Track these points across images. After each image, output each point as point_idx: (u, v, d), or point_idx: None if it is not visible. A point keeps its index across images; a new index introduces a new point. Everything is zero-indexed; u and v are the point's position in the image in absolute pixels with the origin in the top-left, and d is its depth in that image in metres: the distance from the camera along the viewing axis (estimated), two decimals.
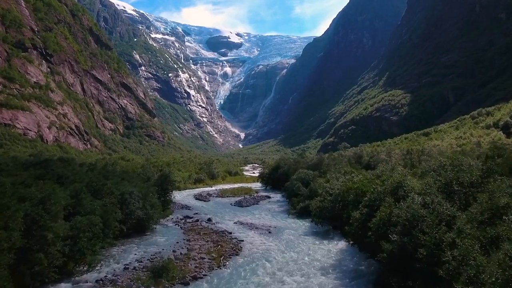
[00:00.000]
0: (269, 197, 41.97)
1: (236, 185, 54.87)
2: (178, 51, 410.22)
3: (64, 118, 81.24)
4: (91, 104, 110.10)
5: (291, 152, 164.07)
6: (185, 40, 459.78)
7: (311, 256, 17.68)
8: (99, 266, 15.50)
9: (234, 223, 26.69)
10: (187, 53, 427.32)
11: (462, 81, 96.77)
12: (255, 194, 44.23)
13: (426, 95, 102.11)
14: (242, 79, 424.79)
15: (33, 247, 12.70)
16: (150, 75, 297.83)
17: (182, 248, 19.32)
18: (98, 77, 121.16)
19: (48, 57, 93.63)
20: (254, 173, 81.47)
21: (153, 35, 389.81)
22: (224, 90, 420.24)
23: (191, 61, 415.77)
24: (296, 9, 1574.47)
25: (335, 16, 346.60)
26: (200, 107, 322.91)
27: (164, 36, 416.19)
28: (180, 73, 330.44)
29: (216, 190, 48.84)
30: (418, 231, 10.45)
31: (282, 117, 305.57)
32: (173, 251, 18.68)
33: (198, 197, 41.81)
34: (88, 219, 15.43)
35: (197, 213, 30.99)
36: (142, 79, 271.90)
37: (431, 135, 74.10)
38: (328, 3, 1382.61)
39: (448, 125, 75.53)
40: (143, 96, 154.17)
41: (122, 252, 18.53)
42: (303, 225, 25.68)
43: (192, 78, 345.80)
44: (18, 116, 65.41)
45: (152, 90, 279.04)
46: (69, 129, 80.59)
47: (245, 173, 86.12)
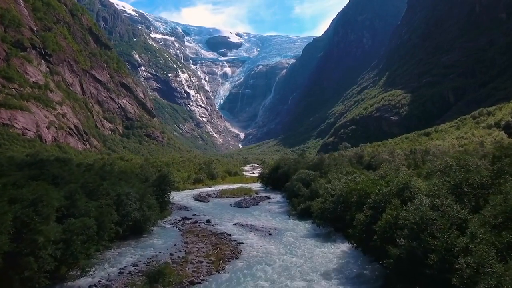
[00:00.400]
0: (269, 198, 41.42)
1: (236, 186, 54.33)
2: (178, 51, 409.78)
3: (63, 118, 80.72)
4: (91, 104, 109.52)
5: (291, 152, 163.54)
6: (185, 40, 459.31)
7: (313, 260, 17.11)
8: (93, 271, 14.88)
9: (234, 225, 26.13)
10: (187, 53, 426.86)
11: (463, 81, 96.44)
12: (255, 195, 43.69)
13: (426, 95, 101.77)
14: (242, 79, 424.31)
15: (23, 251, 12.12)
16: (150, 75, 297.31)
17: (180, 251, 18.75)
18: (98, 77, 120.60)
19: (47, 57, 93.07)
20: (254, 173, 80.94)
21: (153, 35, 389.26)
22: (224, 90, 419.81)
23: (191, 61, 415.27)
24: (296, 9, 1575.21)
25: (335, 16, 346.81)
26: (200, 107, 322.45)
27: (164, 36, 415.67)
28: (180, 73, 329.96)
29: (216, 191, 48.27)
30: (428, 235, 9.90)
31: (282, 117, 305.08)
32: (170, 254, 18.10)
33: (197, 198, 41.24)
34: (82, 222, 14.84)
35: (196, 214, 30.44)
36: (142, 79, 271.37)
37: (432, 135, 73.75)
38: (328, 3, 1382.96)
39: (449, 125, 75.20)
40: (143, 96, 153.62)
41: (118, 256, 17.95)
42: (304, 227, 25.12)
43: (192, 78, 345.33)
44: (17, 116, 64.94)
45: (152, 90, 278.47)
46: (68, 129, 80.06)
47: (245, 173, 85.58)
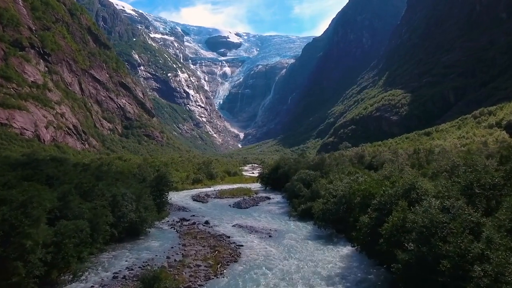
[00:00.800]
0: (269, 198, 40.87)
1: (235, 186, 53.80)
2: (177, 51, 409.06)
3: (62, 118, 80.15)
4: (89, 104, 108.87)
5: (291, 152, 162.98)
6: (184, 40, 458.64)
7: (315, 263, 16.49)
8: (86, 275, 14.28)
9: (233, 226, 25.54)
10: (186, 53, 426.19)
11: (463, 81, 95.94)
12: (255, 195, 43.16)
13: (427, 95, 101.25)
14: (241, 79, 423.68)
15: (10, 256, 11.53)
16: (149, 75, 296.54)
17: (177, 254, 18.14)
18: (97, 77, 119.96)
19: (46, 56, 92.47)
20: (254, 173, 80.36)
21: (152, 35, 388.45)
22: (223, 90, 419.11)
23: (190, 61, 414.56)
24: (296, 9, 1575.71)
25: (335, 16, 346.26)
26: (199, 107, 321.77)
27: (163, 36, 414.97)
28: (179, 73, 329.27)
29: (215, 191, 47.68)
30: (439, 240, 9.29)
31: (282, 117, 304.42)
32: (167, 258, 17.50)
33: (196, 198, 40.68)
34: (74, 224, 14.25)
35: (194, 215, 29.85)
36: (141, 79, 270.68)
37: (433, 135, 73.30)
38: (328, 3, 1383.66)
39: (450, 125, 74.76)
40: (142, 96, 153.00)
41: (112, 259, 17.33)
42: (305, 228, 24.53)
43: (191, 78, 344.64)
44: (15, 116, 64.45)
45: (151, 90, 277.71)
46: (67, 129, 79.50)
47: (244, 173, 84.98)
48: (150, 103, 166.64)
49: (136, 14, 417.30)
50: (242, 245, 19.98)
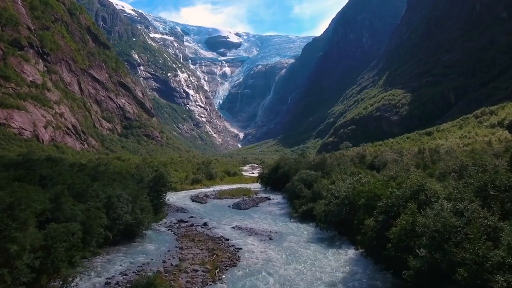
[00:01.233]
0: (269, 199, 40.21)
1: (235, 186, 53.18)
2: (177, 51, 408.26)
3: (61, 118, 79.49)
4: (89, 104, 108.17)
5: (290, 152, 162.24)
6: (184, 40, 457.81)
7: (318, 268, 15.81)
8: (77, 281, 13.57)
9: (232, 228, 24.86)
10: (186, 53, 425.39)
11: (463, 81, 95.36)
12: (254, 196, 42.51)
13: (427, 95, 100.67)
14: (241, 79, 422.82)
15: None
16: (149, 75, 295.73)
17: (174, 258, 17.44)
18: (96, 77, 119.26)
19: (45, 56, 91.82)
20: (253, 174, 79.69)
21: (152, 35, 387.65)
22: (223, 90, 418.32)
23: (190, 61, 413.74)
24: (295, 9, 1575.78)
25: (334, 16, 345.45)
26: (199, 107, 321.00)
27: (163, 36, 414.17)
28: (179, 73, 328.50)
29: (214, 191, 47.01)
30: (453, 246, 8.63)
31: (281, 117, 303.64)
32: (163, 262, 16.80)
33: (195, 199, 40.01)
34: (65, 227, 13.57)
35: (193, 217, 29.17)
36: (141, 79, 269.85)
37: (434, 135, 72.77)
38: (327, 3, 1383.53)
39: (451, 124, 74.24)
40: (142, 96, 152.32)
41: (106, 263, 16.64)
42: (307, 230, 23.84)
43: (191, 78, 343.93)
44: (13, 115, 63.91)
45: (151, 90, 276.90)
46: (66, 129, 78.84)
47: (244, 174, 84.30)
48: (150, 103, 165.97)
49: (136, 14, 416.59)
50: (242, 248, 19.29)
